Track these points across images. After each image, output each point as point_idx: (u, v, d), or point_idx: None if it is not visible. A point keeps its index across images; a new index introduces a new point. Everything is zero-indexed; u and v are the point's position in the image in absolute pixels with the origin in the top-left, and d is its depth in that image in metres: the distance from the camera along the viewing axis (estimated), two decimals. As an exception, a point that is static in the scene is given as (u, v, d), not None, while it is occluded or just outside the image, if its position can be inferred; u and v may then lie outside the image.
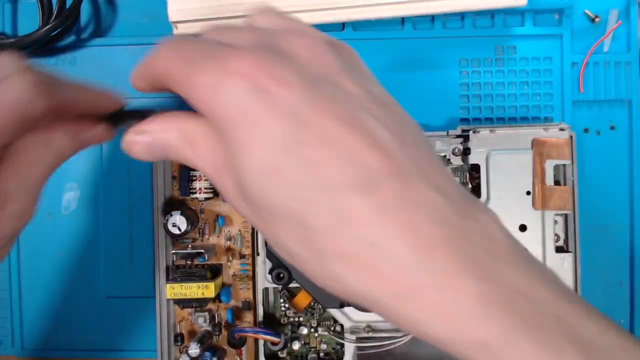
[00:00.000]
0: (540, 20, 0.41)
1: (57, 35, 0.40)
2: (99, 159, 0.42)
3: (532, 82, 0.41)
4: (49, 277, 0.42)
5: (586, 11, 0.40)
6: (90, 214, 0.42)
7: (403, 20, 0.41)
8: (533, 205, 0.36)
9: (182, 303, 0.36)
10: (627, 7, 0.40)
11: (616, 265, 0.41)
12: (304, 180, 0.17)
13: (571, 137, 0.37)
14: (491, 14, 0.41)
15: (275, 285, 0.37)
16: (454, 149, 0.37)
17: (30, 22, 0.40)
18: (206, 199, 0.37)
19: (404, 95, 0.41)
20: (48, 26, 0.38)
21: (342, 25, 0.41)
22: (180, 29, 0.38)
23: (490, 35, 0.41)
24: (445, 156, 0.38)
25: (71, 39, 0.41)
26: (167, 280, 0.37)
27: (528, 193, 0.36)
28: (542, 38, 0.41)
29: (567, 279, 0.37)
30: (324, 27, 0.40)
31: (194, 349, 0.34)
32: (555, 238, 0.37)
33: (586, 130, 0.41)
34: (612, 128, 0.41)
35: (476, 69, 0.41)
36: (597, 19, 0.40)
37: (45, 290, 0.42)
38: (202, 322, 0.37)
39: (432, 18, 0.41)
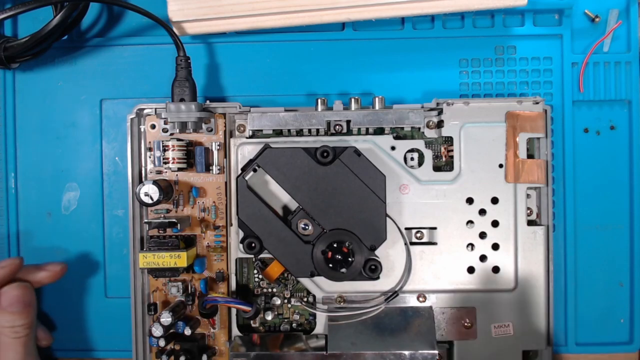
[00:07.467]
0: (540, 20, 0.41)
1: (73, 21, 0.40)
2: (99, 158, 0.42)
3: (532, 82, 0.41)
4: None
5: (586, 11, 0.40)
6: (91, 213, 0.42)
7: (403, 20, 0.41)
8: (505, 178, 0.36)
9: (155, 272, 0.35)
10: (627, 7, 0.40)
11: (616, 265, 0.41)
12: None
13: (545, 110, 0.37)
14: (491, 14, 0.41)
15: (248, 255, 0.37)
16: (428, 122, 0.37)
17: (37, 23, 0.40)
18: (179, 169, 0.37)
19: (404, 95, 0.41)
20: (63, 11, 0.37)
21: (342, 26, 0.41)
22: (180, 29, 0.38)
23: (490, 35, 0.41)
24: (419, 129, 0.37)
25: (71, 38, 0.42)
26: (141, 250, 0.37)
27: (501, 166, 0.36)
28: (542, 38, 0.41)
29: (539, 251, 0.37)
30: (324, 27, 0.40)
31: (166, 318, 0.34)
32: (528, 212, 0.37)
33: (586, 130, 0.41)
34: (612, 128, 0.41)
35: (476, 69, 0.41)
36: (597, 19, 0.40)
37: (45, 290, 0.42)
38: (175, 292, 0.37)
39: (432, 18, 0.41)
